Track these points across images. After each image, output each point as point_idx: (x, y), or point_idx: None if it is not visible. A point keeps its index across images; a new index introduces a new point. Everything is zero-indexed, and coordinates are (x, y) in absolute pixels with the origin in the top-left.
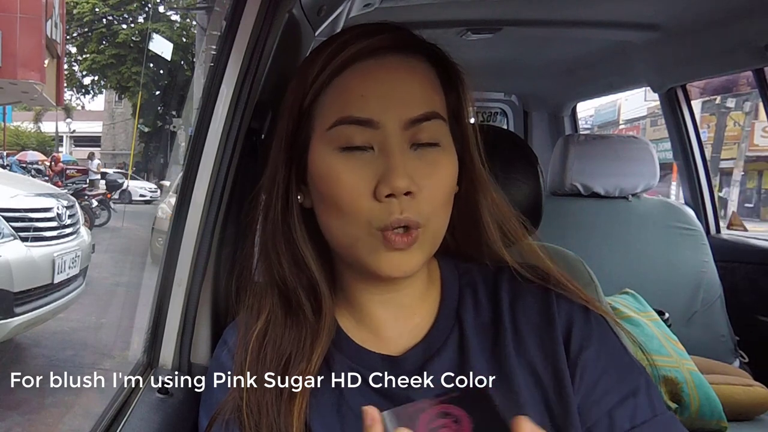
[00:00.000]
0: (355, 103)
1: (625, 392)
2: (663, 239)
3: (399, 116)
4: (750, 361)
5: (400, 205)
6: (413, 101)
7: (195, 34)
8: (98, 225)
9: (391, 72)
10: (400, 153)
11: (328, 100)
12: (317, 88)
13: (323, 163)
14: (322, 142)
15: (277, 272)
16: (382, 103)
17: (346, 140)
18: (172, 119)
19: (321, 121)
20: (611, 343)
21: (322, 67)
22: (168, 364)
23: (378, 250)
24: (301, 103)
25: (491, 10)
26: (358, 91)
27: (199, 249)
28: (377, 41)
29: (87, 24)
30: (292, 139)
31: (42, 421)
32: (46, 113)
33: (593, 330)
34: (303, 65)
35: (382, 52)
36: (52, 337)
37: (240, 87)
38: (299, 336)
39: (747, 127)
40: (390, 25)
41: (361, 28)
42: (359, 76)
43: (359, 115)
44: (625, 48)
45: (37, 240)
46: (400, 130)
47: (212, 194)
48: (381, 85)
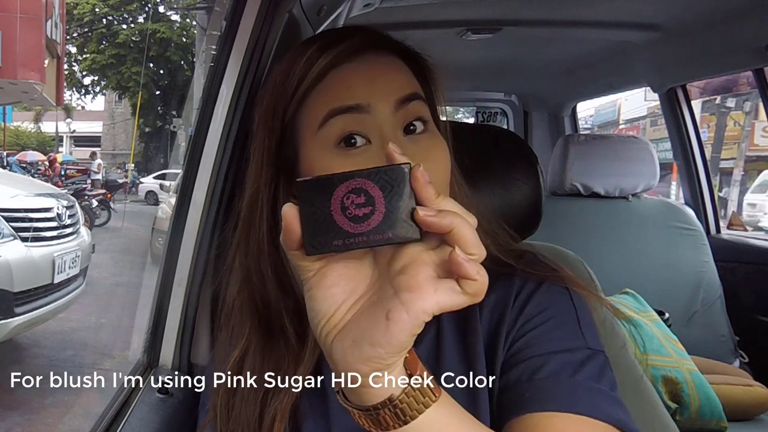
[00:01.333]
0: (341, 94)
1: (556, 349)
2: (663, 239)
3: (387, 97)
4: (750, 361)
5: None
6: (397, 83)
7: (195, 34)
8: (98, 225)
9: (373, 66)
10: (396, 139)
11: (311, 105)
12: (300, 97)
13: (319, 164)
14: (315, 144)
15: (260, 297)
16: (368, 88)
17: (340, 131)
18: (172, 119)
19: (308, 125)
20: (564, 312)
21: (302, 76)
22: (168, 364)
23: None
24: (283, 117)
25: (491, 10)
26: (343, 85)
27: (199, 249)
28: (356, 42)
29: (87, 24)
30: (276, 154)
31: (42, 421)
32: (46, 113)
33: (547, 300)
34: (275, 77)
35: (359, 53)
36: (52, 337)
37: (240, 87)
38: (279, 365)
39: (747, 127)
40: (361, 27)
41: (333, 34)
42: (342, 74)
43: (349, 102)
44: (625, 48)
45: (37, 240)
46: (391, 113)
47: (212, 194)
48: (364, 75)
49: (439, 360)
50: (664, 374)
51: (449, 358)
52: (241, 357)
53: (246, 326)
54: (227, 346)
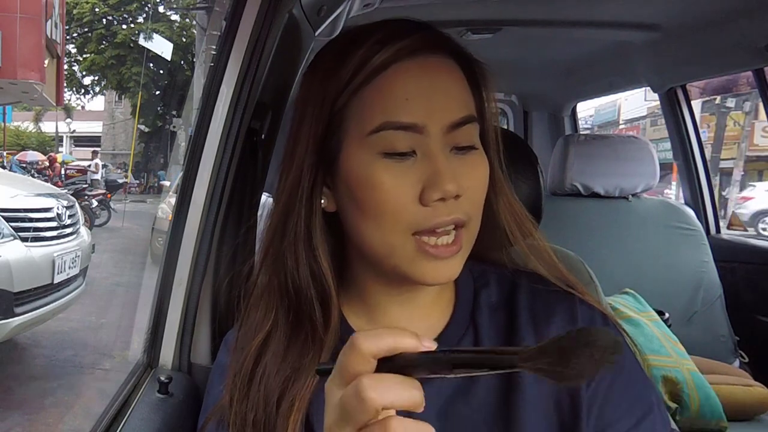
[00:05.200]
0: (400, 108)
1: (639, 415)
2: (663, 239)
3: (442, 120)
4: (750, 361)
5: (447, 208)
6: (454, 105)
7: (195, 34)
8: (98, 225)
9: (431, 74)
10: (445, 157)
11: (366, 102)
12: (353, 88)
13: (363, 169)
14: (362, 147)
15: (291, 282)
16: (426, 107)
17: (390, 146)
18: (172, 119)
19: (358, 124)
20: (629, 358)
21: (358, 66)
22: (168, 364)
23: (418, 259)
24: (333, 104)
25: (491, 10)
26: (401, 94)
27: (199, 249)
28: (417, 41)
29: (87, 24)
30: (321, 142)
31: (42, 421)
32: (46, 113)
33: None
34: (328, 63)
35: (419, 53)
36: (52, 337)
37: (240, 87)
38: (302, 352)
39: (747, 127)
40: (422, 23)
41: (393, 26)
42: (401, 78)
43: (405, 120)
44: (625, 48)
45: (37, 240)
46: (442, 134)
47: (212, 194)
48: (424, 88)
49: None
50: (664, 374)
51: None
52: (264, 340)
53: (273, 311)
54: (251, 331)
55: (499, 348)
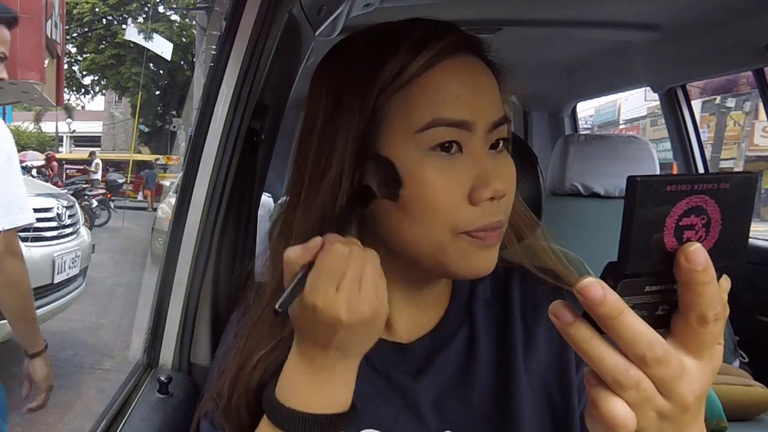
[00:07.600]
0: (451, 104)
1: None
2: None
3: (487, 119)
4: (750, 361)
5: (493, 208)
6: (495, 104)
7: (195, 34)
8: (98, 225)
9: (474, 73)
10: (489, 156)
11: (412, 101)
12: (401, 83)
13: (411, 166)
14: (409, 144)
15: None
16: (474, 105)
17: (441, 140)
18: (172, 119)
19: (404, 120)
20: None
21: (405, 62)
22: (168, 364)
23: (469, 251)
24: (376, 99)
25: (491, 10)
26: (452, 91)
27: (199, 249)
28: (458, 40)
29: (87, 24)
30: (362, 137)
31: (42, 421)
32: (46, 113)
33: None
34: (367, 56)
35: (462, 52)
36: (52, 337)
37: (240, 87)
38: None
39: (747, 127)
40: (453, 24)
41: (430, 26)
42: (449, 74)
43: (458, 117)
44: (625, 48)
45: (37, 240)
46: (486, 132)
47: (212, 194)
48: (471, 86)
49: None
50: None
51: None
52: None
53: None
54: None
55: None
